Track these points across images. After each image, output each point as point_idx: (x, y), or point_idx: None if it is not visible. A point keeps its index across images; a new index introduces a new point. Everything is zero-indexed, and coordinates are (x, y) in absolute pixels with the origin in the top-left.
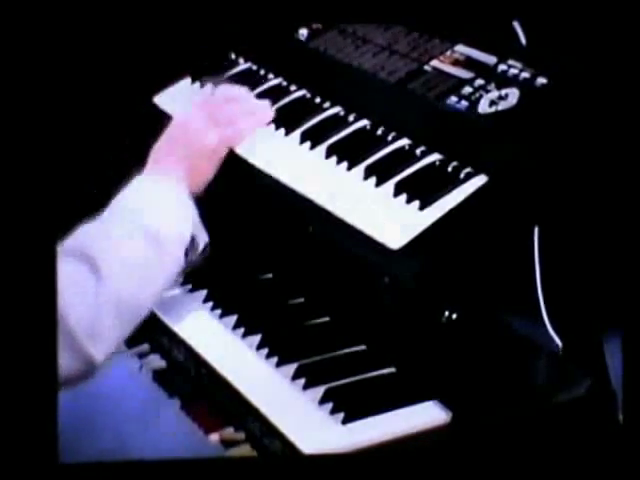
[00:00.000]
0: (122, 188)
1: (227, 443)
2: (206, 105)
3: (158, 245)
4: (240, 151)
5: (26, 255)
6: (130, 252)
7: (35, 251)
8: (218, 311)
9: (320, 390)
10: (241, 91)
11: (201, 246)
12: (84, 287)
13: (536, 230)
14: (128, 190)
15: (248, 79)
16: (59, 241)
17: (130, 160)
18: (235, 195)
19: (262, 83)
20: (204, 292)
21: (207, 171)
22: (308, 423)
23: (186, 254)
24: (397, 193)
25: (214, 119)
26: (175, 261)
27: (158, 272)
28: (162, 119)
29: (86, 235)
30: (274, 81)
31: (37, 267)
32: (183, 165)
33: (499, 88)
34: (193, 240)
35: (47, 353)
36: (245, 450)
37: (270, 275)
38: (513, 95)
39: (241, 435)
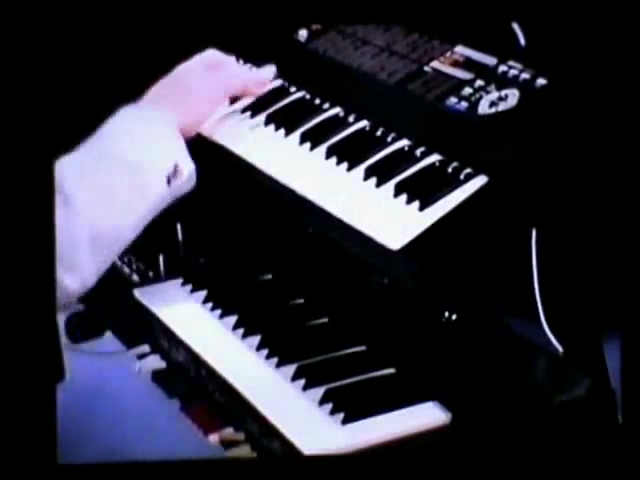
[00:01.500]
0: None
1: (227, 444)
2: (208, 56)
3: (136, 174)
4: (240, 151)
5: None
6: (106, 183)
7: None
8: (218, 312)
9: (320, 391)
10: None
11: (185, 173)
12: (59, 222)
13: (534, 232)
14: (112, 118)
15: None
16: None
17: None
18: (235, 195)
19: None
20: (204, 293)
21: (200, 111)
22: (308, 424)
23: (168, 182)
24: (397, 194)
25: (215, 67)
26: (156, 190)
27: (137, 201)
28: None
29: (62, 169)
30: (273, 82)
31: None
32: (175, 101)
33: (499, 89)
34: (176, 168)
35: (46, 354)
36: (245, 451)
37: (270, 276)
38: (513, 96)
39: (241, 435)
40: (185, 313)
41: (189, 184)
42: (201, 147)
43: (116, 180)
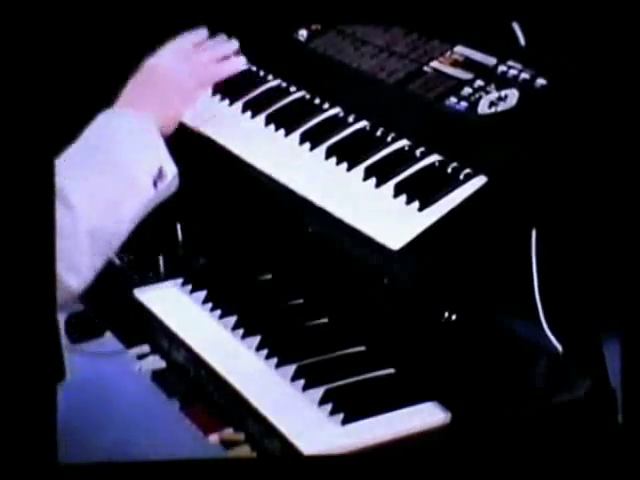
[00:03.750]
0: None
1: (227, 444)
2: (177, 47)
3: (126, 178)
4: (240, 151)
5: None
6: (100, 187)
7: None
8: (217, 312)
9: (320, 391)
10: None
11: (169, 177)
12: (61, 224)
13: (534, 232)
14: (94, 125)
15: (248, 80)
16: None
17: None
18: (234, 195)
19: (262, 84)
20: (204, 293)
21: (177, 107)
22: (308, 424)
23: (154, 184)
24: (397, 194)
25: (186, 58)
26: (143, 191)
27: (128, 203)
28: None
29: (58, 174)
30: (273, 82)
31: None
32: (152, 100)
33: (498, 89)
34: (161, 171)
35: (46, 354)
36: (245, 451)
37: (269, 276)
38: (512, 96)
39: (241, 436)
40: (185, 313)
41: (173, 185)
42: (201, 147)
43: (108, 182)
